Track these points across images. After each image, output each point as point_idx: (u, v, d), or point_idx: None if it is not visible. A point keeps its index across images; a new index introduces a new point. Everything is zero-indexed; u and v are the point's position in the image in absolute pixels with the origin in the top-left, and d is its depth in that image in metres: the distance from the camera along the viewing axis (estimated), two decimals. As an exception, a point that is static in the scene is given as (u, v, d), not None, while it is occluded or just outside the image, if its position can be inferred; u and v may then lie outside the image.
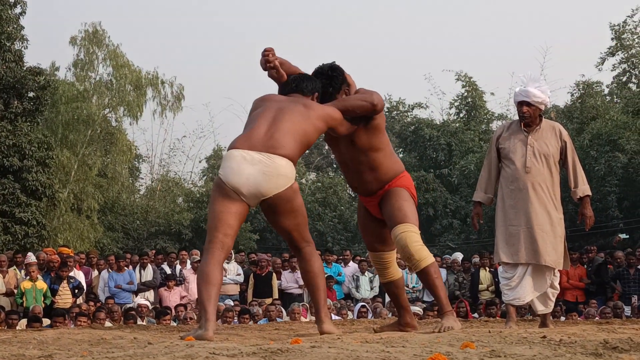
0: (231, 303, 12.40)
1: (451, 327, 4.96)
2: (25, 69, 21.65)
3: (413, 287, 13.61)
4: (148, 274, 13.11)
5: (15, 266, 12.41)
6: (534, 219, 6.13)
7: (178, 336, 4.99)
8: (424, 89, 69.73)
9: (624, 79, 29.46)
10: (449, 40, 60.98)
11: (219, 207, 4.76)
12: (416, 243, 5.15)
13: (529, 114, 6.27)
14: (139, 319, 10.77)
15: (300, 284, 13.38)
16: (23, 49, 22.08)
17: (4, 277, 11.96)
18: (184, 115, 63.49)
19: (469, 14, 61.17)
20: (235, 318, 10.97)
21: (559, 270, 6.32)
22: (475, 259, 14.23)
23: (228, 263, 12.98)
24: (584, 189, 6.30)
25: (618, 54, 28.79)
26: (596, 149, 24.56)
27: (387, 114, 33.23)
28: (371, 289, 13.67)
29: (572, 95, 28.48)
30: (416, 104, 33.76)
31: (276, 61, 5.19)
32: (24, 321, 10.36)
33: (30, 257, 12.49)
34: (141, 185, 34.79)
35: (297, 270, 13.43)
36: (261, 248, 26.34)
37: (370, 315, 11.68)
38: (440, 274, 5.38)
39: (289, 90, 5.14)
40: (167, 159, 35.11)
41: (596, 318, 10.49)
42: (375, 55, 60.77)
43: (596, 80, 28.36)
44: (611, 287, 12.95)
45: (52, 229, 22.77)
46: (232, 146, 4.84)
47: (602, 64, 29.01)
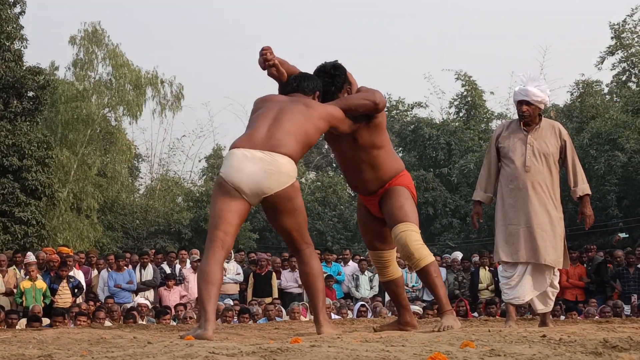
0: (231, 302, 12.40)
1: (451, 326, 4.96)
2: (24, 68, 21.65)
3: (413, 286, 13.61)
4: (148, 273, 13.11)
5: (14, 266, 12.41)
6: (534, 218, 6.13)
7: (177, 335, 4.99)
8: (423, 88, 69.77)
9: (624, 78, 29.47)
10: (449, 39, 61.06)
11: (220, 206, 4.75)
12: (416, 242, 5.16)
13: (529, 113, 6.27)
14: (138, 319, 10.77)
15: (300, 283, 13.38)
16: (22, 49, 22.10)
17: (3, 277, 11.96)
18: (184, 115, 63.69)
19: (469, 13, 61.24)
20: (235, 317, 10.97)
21: (558, 269, 6.32)
22: (475, 258, 14.24)
23: (228, 262, 12.97)
24: (583, 187, 6.30)
25: (618, 53, 28.80)
26: (596, 148, 24.56)
27: (387, 113, 33.18)
28: (371, 288, 13.66)
29: (572, 94, 28.53)
30: (416, 103, 33.78)
31: (275, 59, 5.19)
32: (23, 321, 10.36)
33: (29, 257, 12.48)
34: (141, 185, 34.83)
35: (297, 270, 13.43)
36: (261, 247, 26.34)
37: (369, 314, 11.68)
38: (440, 273, 5.40)
39: (289, 89, 5.12)
40: (167, 159, 35.15)
41: (596, 317, 10.49)
42: (374, 54, 60.81)
43: (596, 80, 28.41)
44: (611, 286, 12.95)
45: (52, 228, 22.76)
46: (234, 145, 4.83)
47: (602, 63, 29.04)
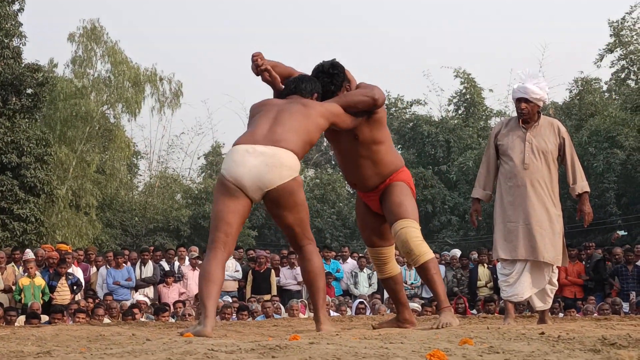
0: (229, 300, 12.39)
1: (449, 323, 4.97)
2: (23, 65, 21.63)
3: (411, 284, 13.61)
4: (148, 270, 13.10)
5: (13, 263, 12.40)
6: (533, 215, 6.13)
7: (176, 332, 5.00)
8: (422, 86, 69.40)
9: (623, 76, 29.44)
10: (448, 36, 61.02)
11: (221, 207, 4.76)
12: (416, 238, 5.16)
13: (527, 111, 6.27)
14: (139, 315, 10.75)
15: (299, 280, 13.37)
16: (21, 46, 22.11)
17: (2, 274, 11.95)
18: (183, 112, 63.77)
19: (468, 10, 61.20)
20: (234, 314, 10.97)
21: (557, 266, 6.32)
22: (474, 256, 14.25)
23: (227, 260, 12.96)
24: (582, 185, 6.30)
25: (617, 51, 28.76)
26: (595, 146, 24.56)
27: (386, 110, 33.14)
28: (369, 285, 13.66)
29: (571, 91, 28.55)
30: (415, 100, 33.76)
31: (267, 64, 5.18)
32: (22, 318, 10.35)
33: (28, 254, 12.48)
34: (139, 182, 34.82)
35: (296, 267, 13.41)
36: (260, 244, 26.33)
37: (368, 311, 11.67)
38: (439, 270, 5.40)
39: (288, 92, 5.14)
40: (166, 156, 35.17)
41: (594, 314, 10.49)
42: (373, 52, 60.78)
43: (595, 77, 28.44)
44: (609, 284, 12.95)
45: (51, 225, 22.75)
46: (236, 143, 4.84)
47: (601, 60, 28.99)
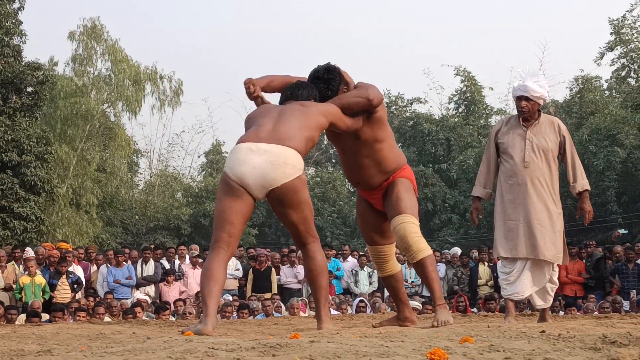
0: (230, 298, 12.40)
1: (447, 321, 5.00)
2: (23, 64, 21.61)
3: (412, 282, 13.61)
4: (150, 268, 13.10)
5: (14, 261, 12.41)
6: (533, 213, 6.13)
7: (177, 331, 5.00)
8: (422, 84, 69.54)
9: (623, 74, 29.41)
10: (448, 34, 60.96)
11: (224, 206, 4.76)
12: (415, 234, 5.19)
13: (528, 109, 6.27)
14: (142, 314, 10.75)
15: (300, 279, 13.39)
16: (21, 44, 22.07)
17: (2, 272, 11.96)
18: (183, 110, 63.67)
19: (468, 8, 61.14)
20: (234, 313, 10.97)
21: (557, 265, 6.32)
22: (474, 254, 14.25)
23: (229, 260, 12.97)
24: (582, 183, 6.30)
25: (617, 49, 28.73)
26: (595, 144, 24.55)
27: (386, 109, 33.09)
28: (370, 283, 13.66)
29: (571, 90, 28.49)
30: (415, 98, 33.69)
31: (258, 91, 5.19)
32: (22, 316, 10.36)
33: (28, 252, 12.48)
34: (140, 180, 34.76)
35: (296, 265, 13.43)
36: (260, 243, 26.32)
37: (368, 310, 11.67)
38: (436, 267, 5.44)
39: (284, 98, 5.19)
40: (166, 154, 35.10)
41: (595, 313, 10.48)
42: (373, 50, 60.75)
43: (595, 75, 28.37)
44: (610, 282, 12.96)
45: (51, 224, 22.74)
46: (239, 141, 4.84)
47: (601, 58, 28.96)
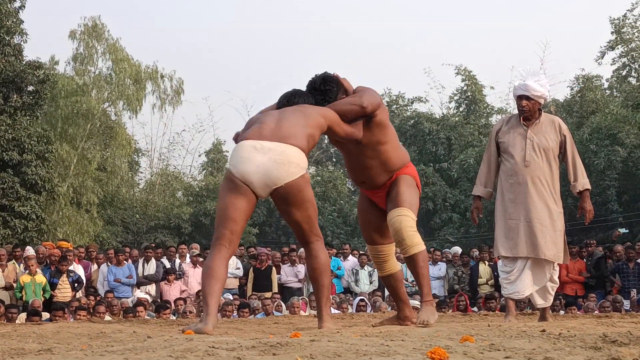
0: (230, 297, 12.40)
1: (427, 321, 5.02)
2: (24, 63, 21.59)
3: (412, 281, 13.60)
4: (151, 267, 13.10)
5: (14, 260, 12.41)
6: (534, 212, 6.13)
7: (177, 330, 5.00)
8: (423, 83, 69.69)
9: (624, 73, 29.39)
10: (449, 34, 60.97)
11: (227, 203, 4.75)
12: (410, 228, 5.21)
13: (529, 108, 6.27)
14: (144, 313, 10.73)
15: (300, 278, 13.39)
16: (22, 43, 22.03)
17: (3, 271, 11.96)
18: (184, 109, 63.62)
19: (469, 7, 61.15)
20: (235, 312, 10.97)
21: (558, 264, 6.32)
22: (475, 253, 14.25)
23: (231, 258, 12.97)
24: (583, 182, 6.30)
25: (618, 48, 28.71)
26: (596, 143, 24.54)
27: (387, 108, 33.02)
28: (370, 282, 13.66)
29: (572, 89, 28.50)
30: (416, 97, 33.71)
31: None
32: (23, 315, 10.36)
33: (28, 251, 12.48)
34: (140, 179, 34.74)
35: (297, 264, 13.43)
36: (260, 242, 26.33)
37: (369, 309, 11.67)
38: (428, 264, 5.46)
39: (281, 105, 5.22)
40: (167, 153, 35.07)
41: (595, 312, 10.48)
42: (374, 49, 60.74)
43: (596, 74, 28.38)
44: (610, 281, 12.96)
45: (52, 222, 22.73)
46: (242, 138, 4.83)
47: (602, 57, 28.94)
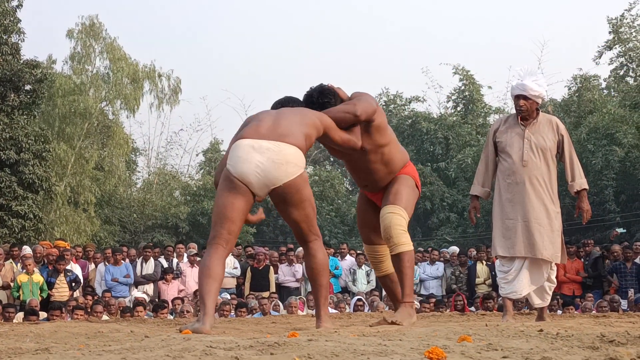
0: (228, 296, 12.39)
1: (400, 322, 4.99)
2: (22, 62, 21.58)
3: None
4: (150, 267, 13.08)
5: (11, 259, 12.39)
6: (531, 212, 6.13)
7: (175, 329, 4.99)
8: (421, 83, 69.83)
9: (622, 73, 29.43)
10: (446, 33, 60.96)
11: (224, 202, 4.74)
12: (399, 227, 5.20)
13: (526, 108, 6.27)
14: (143, 312, 10.71)
15: (297, 277, 13.39)
16: (20, 42, 22.02)
17: (0, 271, 11.94)
18: (181, 109, 63.30)
19: (466, 7, 61.15)
20: (232, 311, 10.96)
21: (556, 263, 6.32)
22: (472, 253, 14.25)
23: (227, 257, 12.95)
24: (581, 182, 6.30)
25: (615, 48, 28.75)
26: (593, 143, 24.56)
27: (385, 107, 33.18)
28: (368, 282, 13.67)
29: (570, 88, 28.52)
30: (413, 97, 33.74)
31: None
32: (20, 314, 10.35)
33: (25, 250, 12.46)
34: (138, 179, 34.75)
35: (295, 264, 13.43)
36: (258, 241, 26.32)
37: (366, 308, 11.68)
38: (413, 264, 5.43)
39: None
40: (164, 152, 35.07)
41: (593, 312, 10.49)
42: (372, 49, 60.73)
43: (593, 74, 28.41)
44: (608, 281, 12.96)
45: (49, 222, 22.73)
46: (240, 137, 4.81)
47: (600, 57, 28.99)
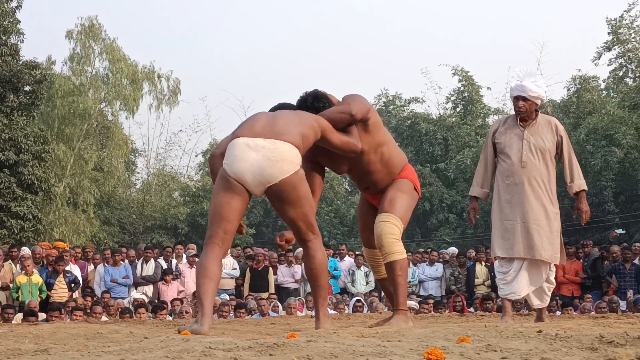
0: (227, 297, 12.39)
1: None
2: (21, 62, 21.58)
3: (409, 282, 13.62)
4: (150, 268, 13.07)
5: (10, 260, 12.39)
6: (530, 213, 6.14)
7: (174, 330, 5.00)
8: (420, 84, 69.68)
9: (621, 74, 29.43)
10: (446, 34, 60.97)
11: (221, 201, 4.74)
12: (391, 235, 5.19)
13: (525, 109, 6.28)
14: (145, 313, 10.70)
15: (297, 278, 13.39)
16: (19, 43, 22.02)
17: (-1, 272, 11.95)
18: (180, 110, 63.34)
19: (466, 7, 61.18)
20: (231, 312, 10.97)
21: (554, 264, 6.33)
22: (472, 254, 14.25)
23: (224, 257, 12.95)
24: (580, 183, 6.30)
25: (614, 49, 28.75)
26: (592, 144, 24.56)
27: (384, 108, 33.20)
28: (367, 283, 13.68)
29: (569, 89, 28.50)
30: (413, 98, 33.71)
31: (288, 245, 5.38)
32: (19, 315, 10.35)
33: (24, 251, 12.46)
34: (137, 180, 34.72)
35: (294, 265, 13.43)
36: (257, 242, 26.31)
37: (365, 309, 11.68)
38: (406, 272, 5.39)
39: None
40: (163, 153, 35.04)
41: (592, 312, 10.50)
42: (371, 49, 60.74)
43: (592, 75, 28.40)
44: (607, 282, 12.97)
45: (48, 223, 22.72)
46: (236, 135, 4.81)
47: (599, 58, 28.99)
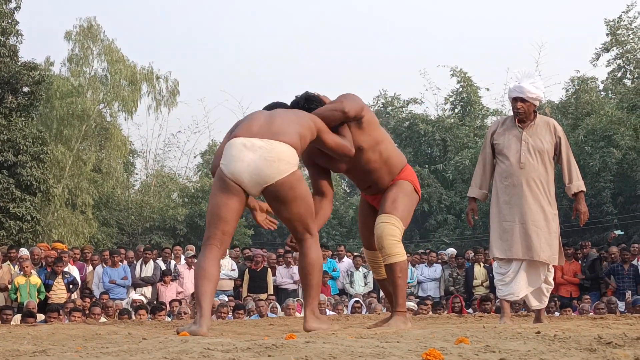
0: (225, 298, 12.38)
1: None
2: (19, 64, 21.57)
3: (407, 283, 13.60)
4: (149, 269, 13.06)
5: (9, 261, 12.39)
6: (528, 214, 6.14)
7: (172, 331, 4.99)
8: (419, 85, 69.87)
9: (619, 75, 29.41)
10: (444, 35, 61.00)
11: (218, 202, 4.73)
12: (391, 237, 5.17)
13: (524, 110, 6.28)
14: (145, 315, 10.69)
15: (295, 279, 13.37)
16: (18, 44, 22.01)
17: (-3, 273, 11.93)
18: (179, 111, 63.50)
19: (464, 9, 61.19)
20: (230, 314, 10.96)
21: (553, 265, 6.33)
22: (470, 255, 14.25)
23: (222, 258, 12.94)
24: (578, 184, 6.31)
25: (613, 50, 28.74)
26: (591, 145, 24.56)
27: (382, 109, 33.21)
28: (365, 284, 13.67)
29: (567, 91, 28.49)
30: (411, 99, 33.72)
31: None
32: (18, 316, 10.34)
33: (23, 252, 12.45)
34: (136, 181, 34.70)
35: (292, 266, 13.41)
36: (256, 243, 26.31)
37: (364, 310, 11.68)
38: (406, 274, 5.39)
39: None
40: (162, 154, 35.03)
41: (590, 313, 10.50)
42: (370, 50, 60.76)
43: (591, 76, 28.38)
44: (605, 283, 12.97)
45: (47, 224, 22.72)
46: (233, 135, 4.81)
47: (597, 59, 28.96)
